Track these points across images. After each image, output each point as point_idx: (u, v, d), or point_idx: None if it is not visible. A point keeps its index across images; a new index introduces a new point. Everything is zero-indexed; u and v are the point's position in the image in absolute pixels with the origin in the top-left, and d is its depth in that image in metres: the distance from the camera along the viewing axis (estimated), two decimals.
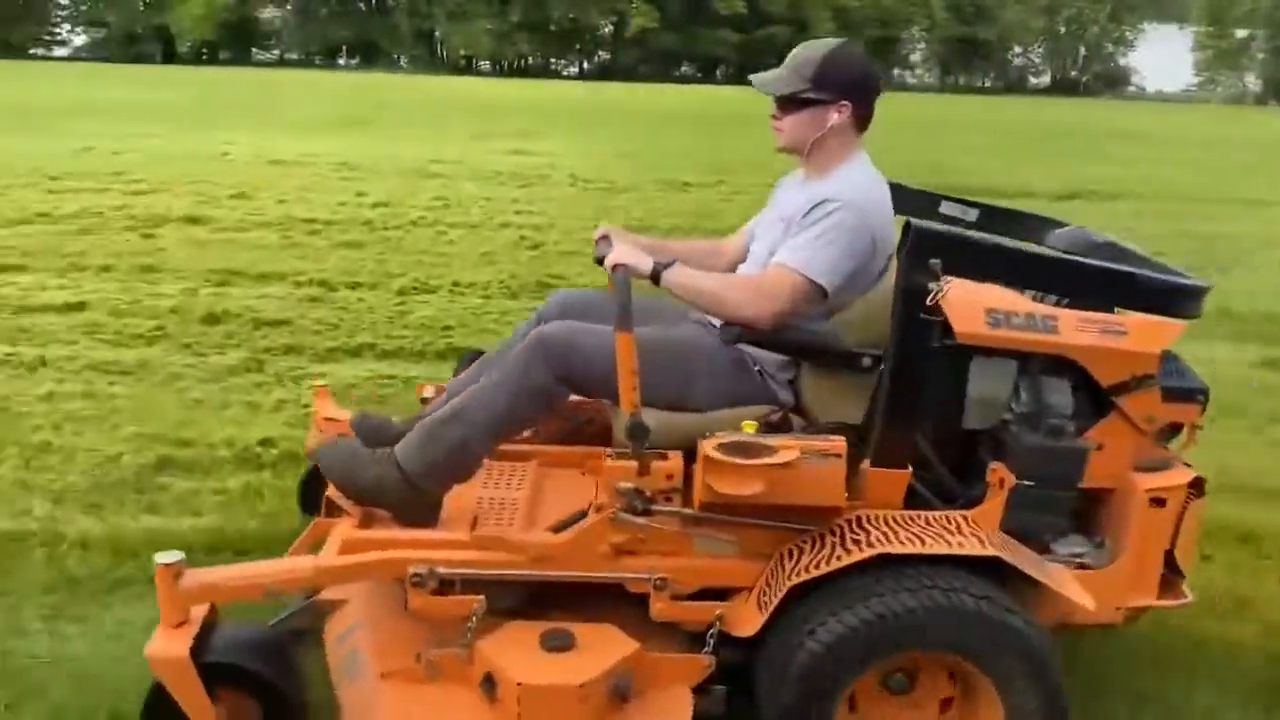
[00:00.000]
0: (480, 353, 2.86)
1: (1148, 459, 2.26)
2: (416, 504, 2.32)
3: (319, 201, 9.18)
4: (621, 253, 2.30)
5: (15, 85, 21.02)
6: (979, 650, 2.03)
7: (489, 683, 2.07)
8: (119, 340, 5.20)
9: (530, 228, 8.45)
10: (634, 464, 2.14)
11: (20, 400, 4.32)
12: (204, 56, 40.76)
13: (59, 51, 41.99)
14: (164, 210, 8.48)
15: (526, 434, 2.66)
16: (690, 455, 2.12)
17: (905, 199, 2.77)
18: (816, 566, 2.03)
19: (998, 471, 2.12)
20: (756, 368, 2.42)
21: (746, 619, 2.12)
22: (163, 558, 2.08)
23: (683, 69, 42.23)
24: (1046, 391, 2.17)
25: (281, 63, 40.76)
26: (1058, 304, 2.28)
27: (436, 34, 42.14)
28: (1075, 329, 2.14)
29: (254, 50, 42.57)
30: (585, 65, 43.87)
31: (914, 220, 2.11)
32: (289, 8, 43.81)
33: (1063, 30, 46.73)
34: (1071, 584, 2.11)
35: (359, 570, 2.22)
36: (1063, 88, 44.52)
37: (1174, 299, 2.20)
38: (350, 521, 2.36)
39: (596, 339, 2.24)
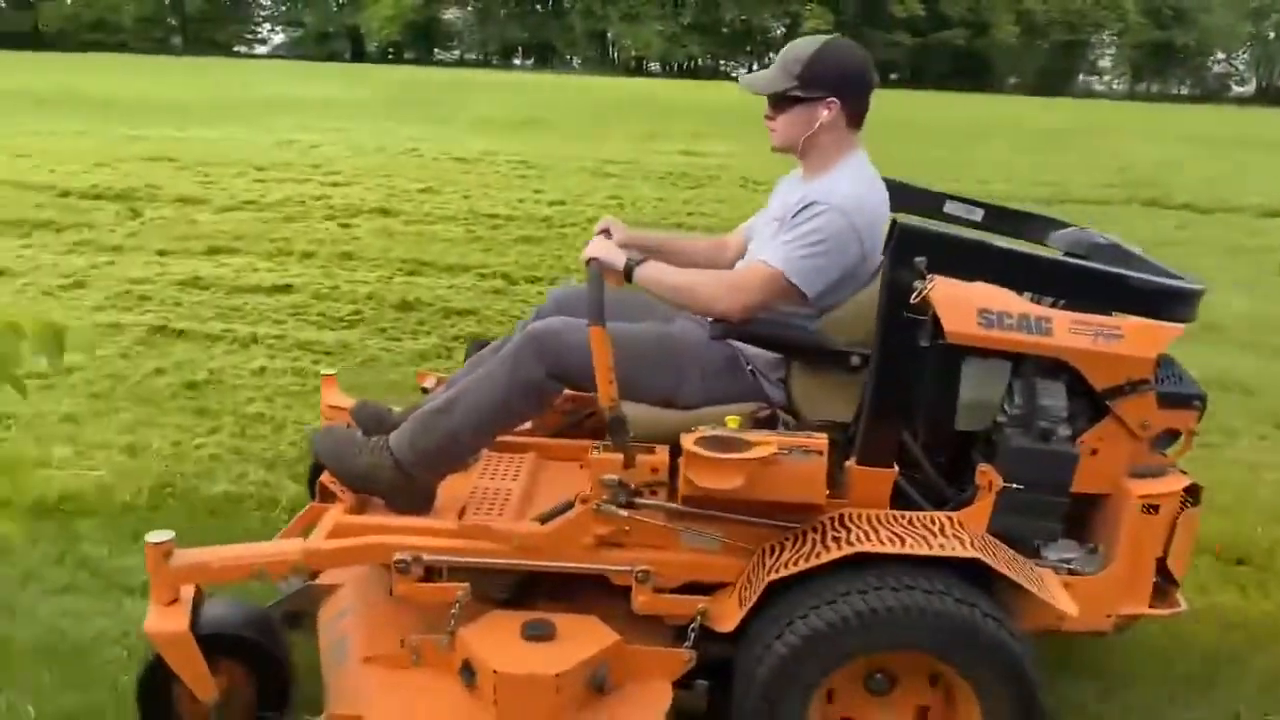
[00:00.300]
0: (487, 342, 2.81)
1: (1144, 465, 2.18)
2: (408, 492, 2.33)
3: (500, 198, 9.51)
4: (596, 247, 2.31)
5: (223, 81, 22.66)
6: (955, 653, 1.98)
7: (468, 670, 2.06)
8: (321, 322, 5.54)
9: (703, 229, 8.50)
10: (619, 457, 2.12)
11: (235, 373, 4.66)
12: (389, 55, 42.91)
13: (259, 49, 45.01)
14: (358, 201, 8.97)
15: (527, 426, 2.64)
16: (678, 450, 2.09)
17: (910, 198, 2.74)
18: (795, 563, 2.01)
19: (986, 474, 2.08)
20: (749, 366, 2.37)
21: (728, 614, 2.09)
22: (153, 537, 2.08)
23: None
24: (1040, 394, 2.10)
25: (461, 62, 42.39)
26: (1054, 305, 2.21)
27: (609, 35, 42.98)
28: (1069, 331, 2.07)
29: (435, 50, 44.50)
30: (755, 67, 43.81)
31: (899, 218, 2.07)
32: (470, 9, 45.55)
33: (1272, 35, 43.62)
34: (1057, 590, 2.05)
35: (345, 555, 2.22)
36: (1269, 97, 41.54)
37: (1167, 302, 2.12)
38: (342, 507, 2.37)
39: (587, 335, 2.20)
